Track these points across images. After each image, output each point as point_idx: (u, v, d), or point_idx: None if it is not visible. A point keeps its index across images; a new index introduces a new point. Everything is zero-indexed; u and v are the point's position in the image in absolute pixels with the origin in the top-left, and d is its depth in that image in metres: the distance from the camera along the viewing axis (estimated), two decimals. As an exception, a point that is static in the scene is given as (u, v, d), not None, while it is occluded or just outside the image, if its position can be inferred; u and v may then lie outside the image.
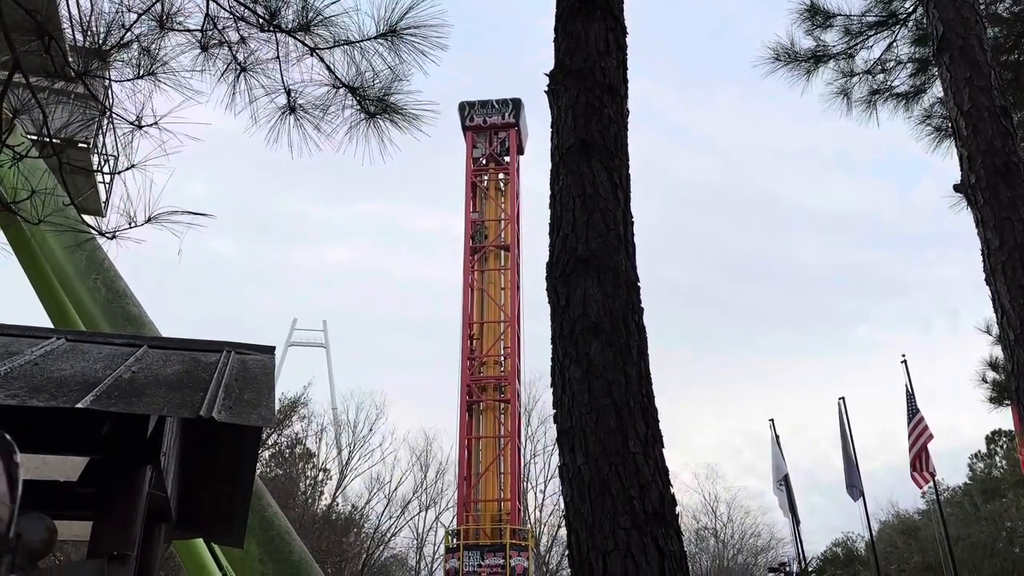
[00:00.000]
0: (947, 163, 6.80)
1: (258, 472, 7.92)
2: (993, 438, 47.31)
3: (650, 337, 4.82)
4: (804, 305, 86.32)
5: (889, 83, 9.85)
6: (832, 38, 9.52)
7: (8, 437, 1.01)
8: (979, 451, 49.13)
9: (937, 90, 9.65)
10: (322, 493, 43.49)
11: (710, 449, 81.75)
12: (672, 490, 4.35)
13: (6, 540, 0.90)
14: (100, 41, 4.58)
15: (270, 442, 39.74)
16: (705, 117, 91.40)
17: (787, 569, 29.10)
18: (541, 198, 5.23)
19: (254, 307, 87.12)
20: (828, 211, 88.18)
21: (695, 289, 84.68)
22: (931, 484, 21.51)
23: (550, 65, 5.39)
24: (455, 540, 30.36)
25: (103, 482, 3.82)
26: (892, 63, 9.76)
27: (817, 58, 9.48)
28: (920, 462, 20.35)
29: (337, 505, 43.25)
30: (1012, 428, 23.95)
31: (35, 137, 5.12)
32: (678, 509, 4.38)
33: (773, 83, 9.68)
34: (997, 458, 47.83)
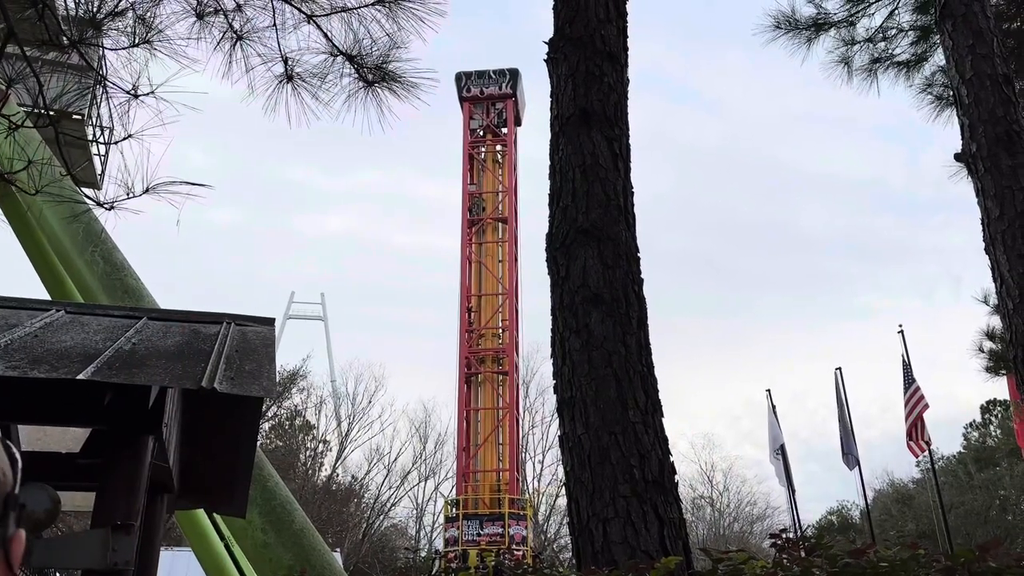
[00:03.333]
0: (956, 128, 6.75)
1: (258, 444, 7.96)
2: (988, 407, 47.68)
3: (650, 304, 4.83)
4: (807, 271, 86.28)
5: (890, 51, 9.76)
6: (833, 5, 9.43)
7: None
8: (974, 420, 49.54)
9: (939, 58, 9.57)
10: (322, 464, 43.85)
11: (709, 417, 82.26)
12: (671, 458, 4.39)
13: (13, 496, 0.94)
14: (94, 9, 4.51)
15: (270, 414, 39.94)
16: (712, 79, 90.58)
17: (787, 534, 29.39)
18: (539, 169, 5.20)
19: (254, 277, 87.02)
20: (835, 176, 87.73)
21: (696, 255, 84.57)
22: (926, 453, 21.69)
23: (549, 33, 5.33)
24: (454, 510, 31.04)
25: (105, 453, 3.84)
26: (893, 31, 9.67)
27: (818, 26, 9.38)
28: (916, 431, 20.50)
29: (337, 476, 43.61)
30: (1007, 398, 24.11)
31: (30, 108, 5.06)
32: (676, 478, 4.42)
33: (781, 44, 9.58)
34: (992, 427, 48.25)
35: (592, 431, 4.27)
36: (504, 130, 37.35)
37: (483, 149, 37.44)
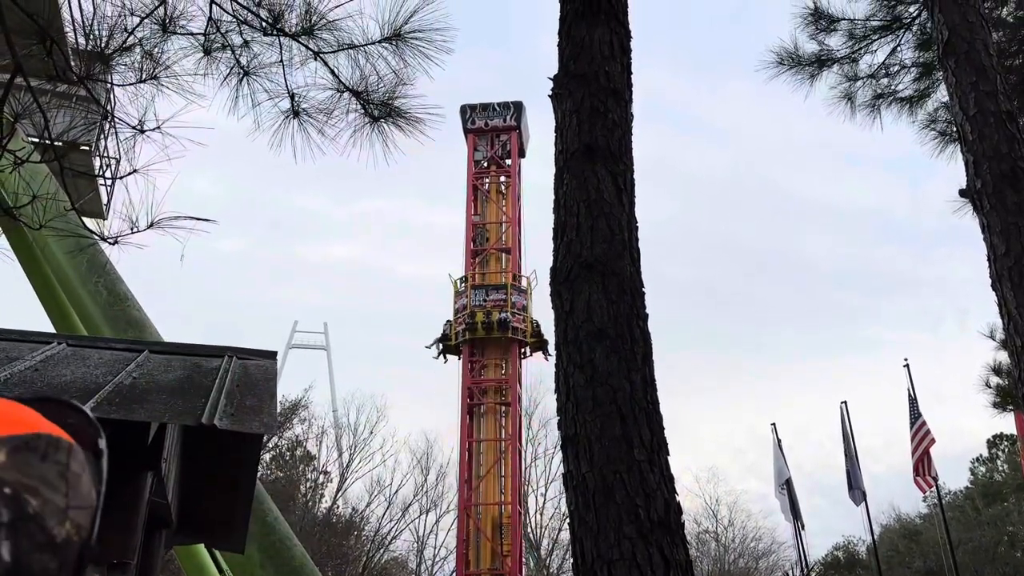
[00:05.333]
0: (960, 162, 6.74)
1: (259, 475, 7.90)
2: (995, 442, 47.24)
3: (656, 336, 4.79)
4: (812, 303, 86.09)
5: (893, 87, 9.82)
6: (836, 42, 9.50)
7: (91, 415, 0.88)
8: (981, 455, 49.06)
9: (941, 94, 9.62)
10: (322, 496, 43.45)
11: (714, 450, 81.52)
12: (678, 498, 4.32)
13: (89, 547, 0.83)
14: (102, 44, 4.55)
15: (270, 445, 39.70)
16: (717, 107, 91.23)
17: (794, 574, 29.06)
18: (543, 201, 5.20)
19: (258, 305, 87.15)
20: (839, 206, 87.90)
21: (701, 286, 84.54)
22: (933, 488, 21.45)
23: (554, 68, 5.36)
24: (462, 284, 34.45)
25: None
26: (896, 67, 9.73)
27: (821, 62, 9.45)
28: (922, 466, 20.31)
29: (337, 508, 43.20)
30: (1014, 432, 23.89)
31: (36, 140, 5.09)
32: (682, 517, 4.34)
33: (784, 80, 9.65)
34: (999, 462, 47.75)
35: (596, 470, 4.21)
36: (508, 161, 37.58)
37: (487, 180, 37.65)
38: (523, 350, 34.01)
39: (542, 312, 32.70)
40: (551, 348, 4.93)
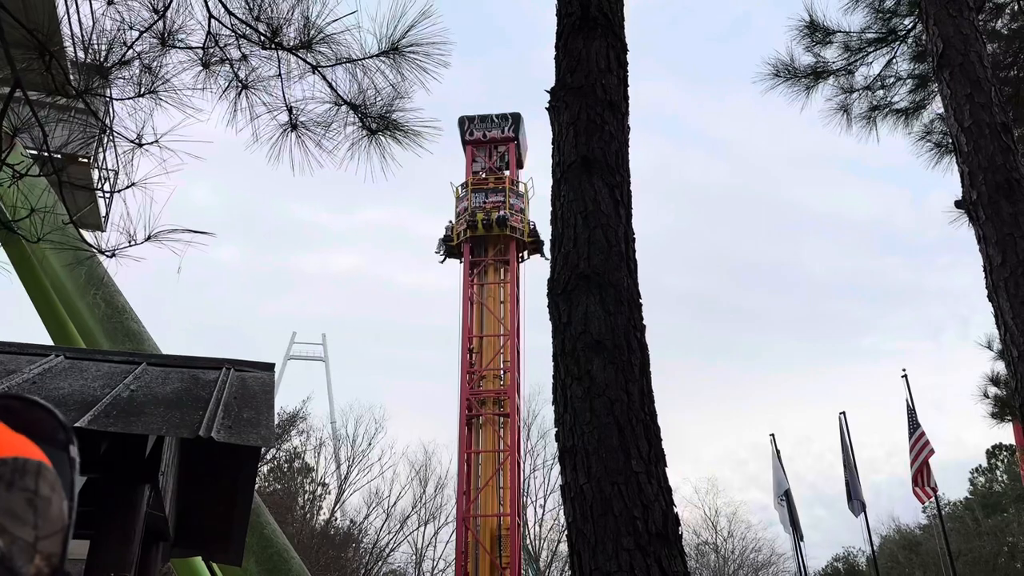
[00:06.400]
0: (956, 173, 6.77)
1: (256, 487, 7.87)
2: (994, 452, 47.17)
3: (656, 346, 4.80)
4: (813, 313, 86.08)
5: (889, 99, 9.86)
6: (832, 54, 9.55)
7: (63, 418, 0.83)
8: (980, 465, 48.98)
9: (937, 106, 9.67)
10: (320, 508, 43.28)
11: (715, 460, 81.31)
12: (676, 509, 4.31)
13: (59, 573, 0.80)
14: (101, 58, 4.57)
15: (268, 456, 39.58)
16: (717, 118, 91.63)
17: None
18: (542, 212, 5.22)
19: (257, 315, 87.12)
20: (840, 216, 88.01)
21: (702, 296, 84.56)
22: (932, 499, 21.41)
23: (551, 80, 5.39)
24: (463, 190, 36.36)
25: (100, 502, 3.79)
26: (892, 79, 9.78)
27: (817, 74, 9.50)
28: (922, 477, 20.27)
29: (336, 520, 43.01)
30: (1013, 442, 23.86)
31: (35, 153, 5.11)
32: (680, 529, 4.34)
33: (780, 92, 9.69)
34: (998, 472, 47.67)
35: (594, 481, 4.20)
36: (506, 173, 37.67)
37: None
38: (521, 254, 36.16)
39: (539, 215, 35.17)
40: (547, 250, 5.02)
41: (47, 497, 0.78)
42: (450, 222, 36.71)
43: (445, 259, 36.62)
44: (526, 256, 36.53)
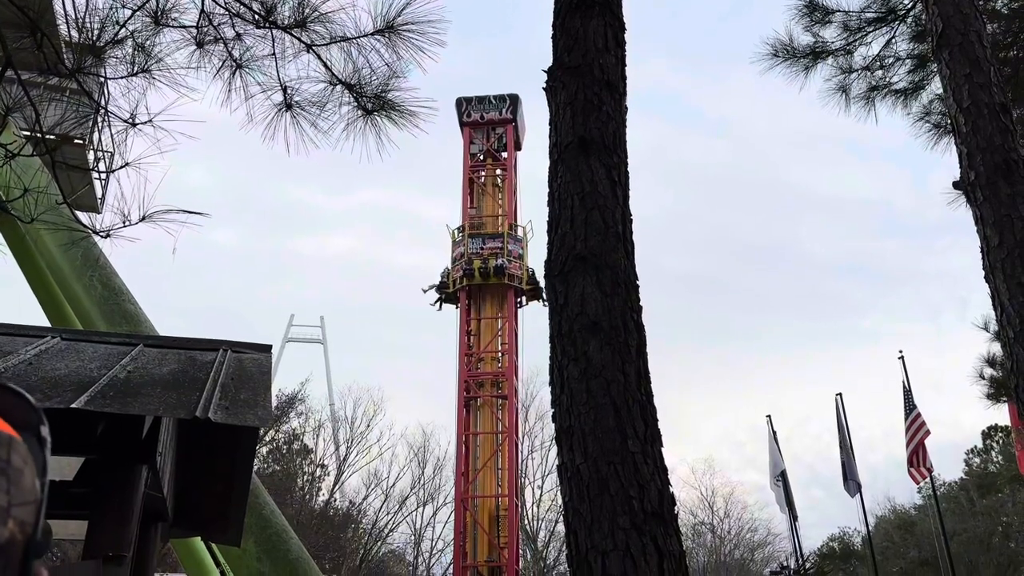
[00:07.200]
0: (955, 155, 6.74)
1: (255, 468, 7.89)
2: (989, 433, 47.46)
3: (654, 327, 4.81)
4: (813, 294, 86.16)
5: (888, 79, 9.82)
6: (831, 34, 9.49)
7: (33, 401, 0.84)
8: (975, 446, 49.28)
9: (936, 87, 9.62)
10: (320, 489, 43.53)
11: (713, 442, 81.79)
12: (671, 489, 4.33)
13: (34, 543, 0.81)
14: (94, 37, 4.54)
15: (267, 438, 39.72)
16: (717, 98, 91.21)
17: (788, 571, 29.14)
18: (540, 194, 5.20)
19: (254, 297, 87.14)
20: (840, 197, 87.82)
21: (701, 277, 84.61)
22: (927, 480, 21.56)
23: (549, 60, 5.36)
24: (459, 234, 35.37)
25: (98, 483, 3.80)
26: (891, 59, 9.73)
27: (815, 54, 9.44)
28: (917, 458, 20.39)
29: (335, 501, 43.27)
30: (1008, 423, 24.00)
31: (28, 134, 5.08)
32: (676, 508, 4.36)
33: (779, 72, 9.63)
34: (993, 453, 47.98)
35: (591, 461, 4.22)
36: (504, 154, 37.53)
37: (483, 173, 37.60)
38: (520, 299, 34.86)
39: (538, 260, 33.05)
40: (546, 295, 4.95)
41: (19, 468, 0.78)
42: (446, 268, 35.16)
43: (441, 306, 35.22)
44: (524, 302, 35.12)
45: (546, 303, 5.08)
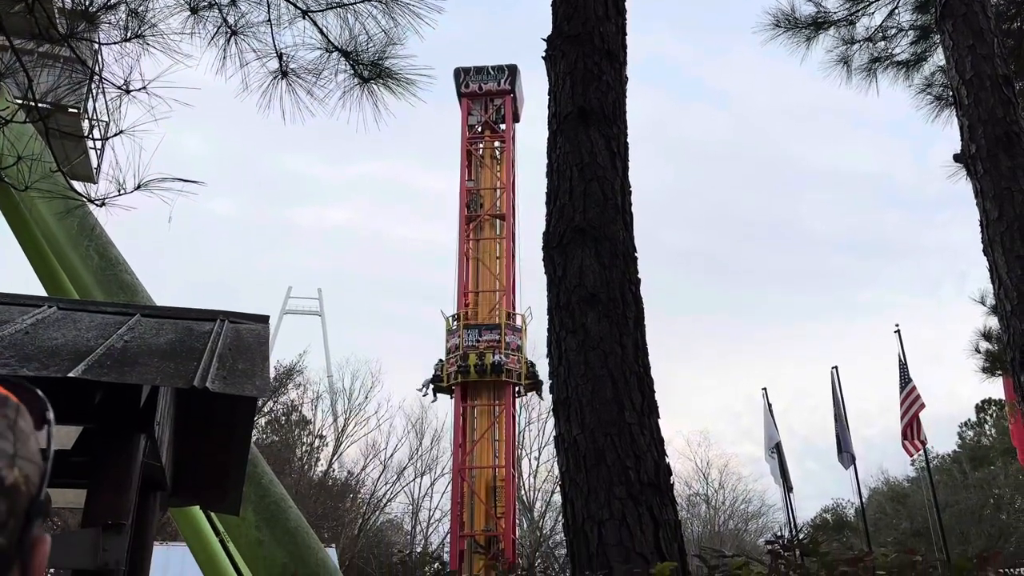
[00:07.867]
0: (956, 127, 6.68)
1: (254, 439, 7.91)
2: (983, 406, 47.79)
3: (653, 300, 4.80)
4: (812, 267, 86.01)
5: (890, 51, 9.72)
6: (833, 4, 9.38)
7: (41, 394, 0.92)
8: (969, 419, 49.63)
9: (938, 58, 9.53)
10: (318, 459, 43.80)
11: (711, 413, 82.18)
12: (667, 460, 4.36)
13: (38, 502, 0.85)
14: (87, 2, 4.46)
15: (266, 409, 39.90)
16: (717, 71, 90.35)
17: (782, 537, 29.44)
18: (539, 166, 5.16)
19: (251, 268, 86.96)
20: (840, 170, 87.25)
21: (699, 250, 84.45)
22: (921, 452, 21.73)
23: (548, 29, 5.29)
24: (455, 323, 33.54)
25: (96, 452, 3.81)
26: (893, 30, 9.62)
27: (817, 24, 9.34)
28: (911, 430, 20.53)
29: (333, 471, 43.57)
30: (1002, 397, 24.14)
31: (21, 101, 5.02)
32: (672, 479, 4.39)
33: (781, 43, 9.52)
34: (987, 427, 48.35)
35: (588, 432, 4.24)
36: (502, 126, 37.23)
37: (481, 145, 37.33)
38: (517, 389, 33.16)
39: (538, 350, 31.77)
40: (545, 390, 4.90)
41: (25, 430, 0.84)
42: (440, 360, 33.24)
43: (436, 399, 33.89)
44: (522, 392, 33.60)
45: (543, 398, 5.03)
